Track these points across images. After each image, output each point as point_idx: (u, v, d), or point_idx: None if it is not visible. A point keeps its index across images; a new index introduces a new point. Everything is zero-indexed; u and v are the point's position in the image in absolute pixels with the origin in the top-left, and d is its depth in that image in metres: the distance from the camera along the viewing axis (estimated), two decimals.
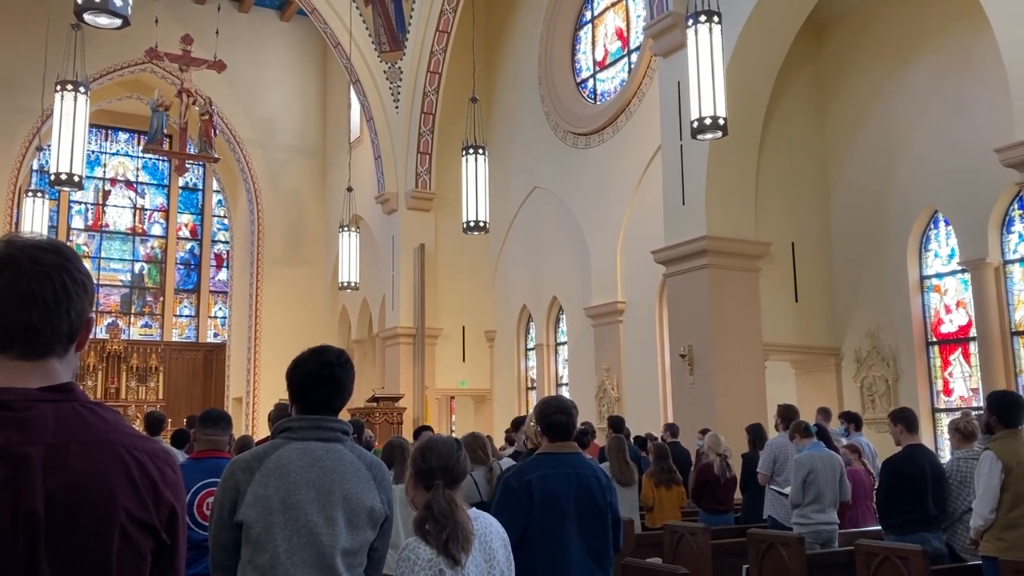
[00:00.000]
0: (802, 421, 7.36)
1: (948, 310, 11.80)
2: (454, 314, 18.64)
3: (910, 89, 12.08)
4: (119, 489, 1.40)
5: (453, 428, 19.16)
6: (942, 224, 11.85)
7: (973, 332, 11.23)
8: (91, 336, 1.64)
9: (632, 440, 10.59)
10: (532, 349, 17.88)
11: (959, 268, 11.47)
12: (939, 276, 11.93)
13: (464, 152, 12.99)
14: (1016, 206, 10.67)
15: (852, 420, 9.14)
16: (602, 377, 14.94)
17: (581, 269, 15.94)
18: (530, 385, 17.97)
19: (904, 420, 5.96)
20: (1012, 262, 10.87)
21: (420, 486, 2.71)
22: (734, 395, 11.05)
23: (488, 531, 2.77)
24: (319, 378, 2.59)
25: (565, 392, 16.38)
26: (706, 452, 8.57)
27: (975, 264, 11.02)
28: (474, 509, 2.82)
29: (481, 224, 12.85)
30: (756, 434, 8.58)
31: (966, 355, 11.50)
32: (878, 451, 9.15)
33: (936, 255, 11.98)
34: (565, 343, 16.88)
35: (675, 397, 12.05)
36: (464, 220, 12.93)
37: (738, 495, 8.77)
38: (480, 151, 12.93)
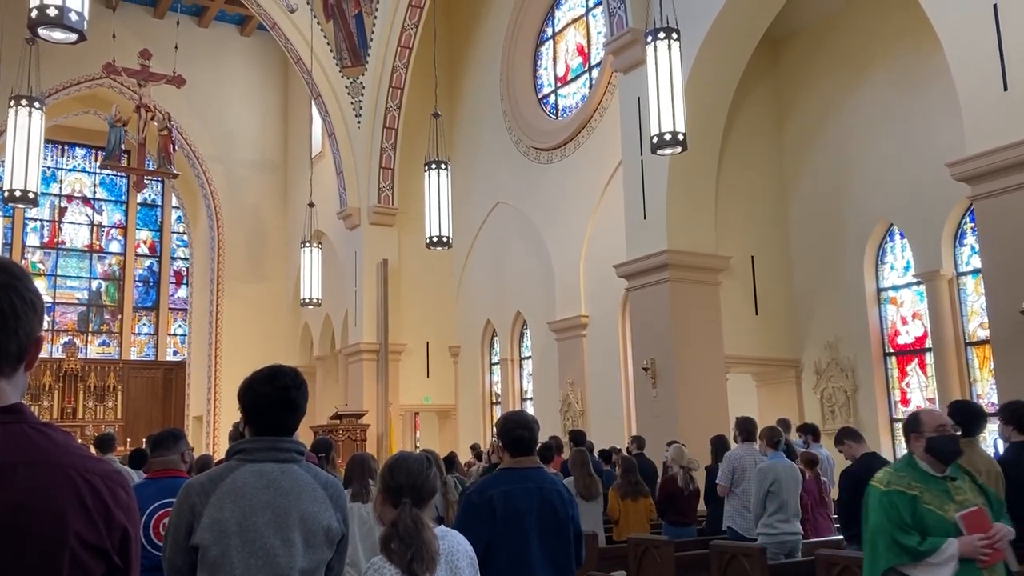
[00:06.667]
0: (777, 431, 7.35)
1: (904, 321, 12.01)
2: (418, 330, 18.57)
3: (865, 104, 12.32)
4: (70, 512, 1.37)
5: (418, 444, 19.05)
6: (897, 237, 12.08)
7: (929, 343, 11.44)
8: (45, 355, 1.61)
9: (596, 453, 10.61)
10: (496, 364, 17.86)
11: (914, 280, 11.70)
12: (895, 288, 12.15)
13: (427, 167, 12.98)
14: (968, 219, 10.91)
15: (810, 432, 9.24)
16: (566, 391, 14.97)
17: (545, 283, 15.99)
18: (495, 400, 17.94)
19: (849, 436, 6.16)
20: (965, 274, 11.11)
21: (388, 503, 2.69)
22: (697, 407, 11.13)
23: (455, 549, 2.76)
24: (274, 401, 2.55)
25: (530, 406, 16.39)
26: (670, 465, 8.60)
27: (930, 276, 11.25)
28: (442, 527, 2.80)
29: (444, 239, 12.83)
30: (719, 446, 8.63)
31: (922, 365, 11.71)
32: (836, 462, 9.26)
33: (892, 267, 12.20)
34: (529, 357, 16.89)
35: (639, 410, 12.11)
36: (427, 235, 12.90)
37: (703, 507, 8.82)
38: (443, 166, 12.93)
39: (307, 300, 16.94)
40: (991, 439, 9.81)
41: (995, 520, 3.57)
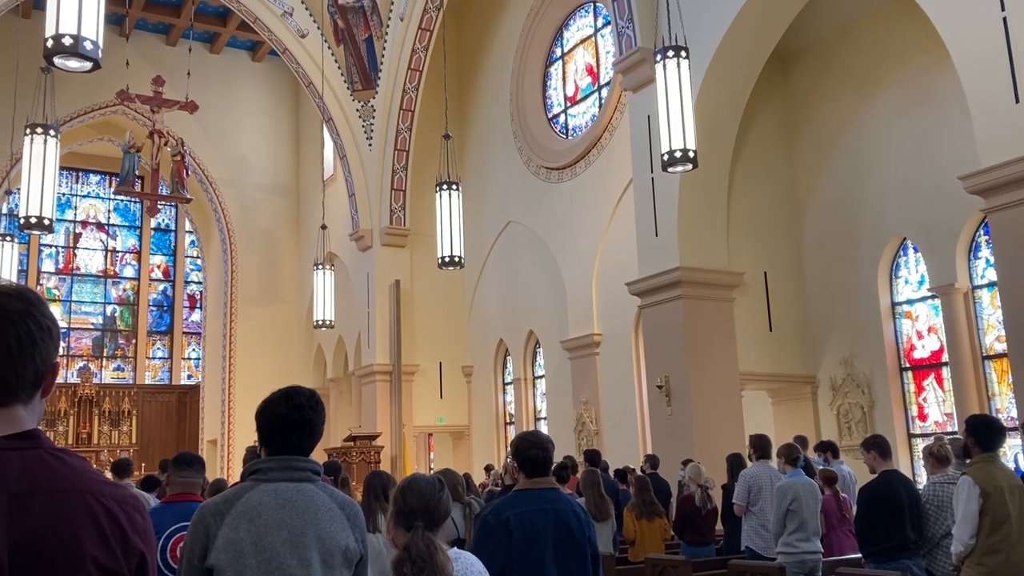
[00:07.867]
0: (795, 448, 7.26)
1: (920, 336, 11.92)
2: (431, 350, 18.57)
3: (876, 120, 12.30)
4: (86, 538, 1.38)
5: (432, 465, 19.00)
6: (911, 251, 12.02)
7: (945, 357, 11.34)
8: (60, 380, 1.62)
9: (612, 473, 10.56)
10: (510, 383, 17.82)
11: (929, 294, 11.61)
12: (910, 302, 12.07)
13: (438, 188, 13.02)
14: (982, 232, 10.85)
15: (828, 449, 9.15)
16: (580, 410, 14.91)
17: (557, 302, 15.97)
18: (508, 420, 17.88)
19: (877, 446, 5.95)
20: (980, 287, 11.03)
21: (401, 526, 2.67)
22: (712, 425, 11.06)
23: (469, 572, 2.74)
24: (290, 421, 2.53)
25: (543, 426, 16.32)
26: (687, 484, 8.54)
27: (945, 290, 11.17)
28: (455, 549, 2.78)
29: (456, 259, 12.85)
30: (735, 464, 8.56)
31: (939, 380, 11.60)
32: (857, 478, 9.17)
33: (907, 282, 12.13)
34: (543, 376, 16.85)
35: (653, 428, 12.04)
36: (439, 256, 12.92)
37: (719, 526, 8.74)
38: (454, 187, 12.97)
39: (320, 322, 16.97)
40: (1011, 454, 9.70)
41: None
